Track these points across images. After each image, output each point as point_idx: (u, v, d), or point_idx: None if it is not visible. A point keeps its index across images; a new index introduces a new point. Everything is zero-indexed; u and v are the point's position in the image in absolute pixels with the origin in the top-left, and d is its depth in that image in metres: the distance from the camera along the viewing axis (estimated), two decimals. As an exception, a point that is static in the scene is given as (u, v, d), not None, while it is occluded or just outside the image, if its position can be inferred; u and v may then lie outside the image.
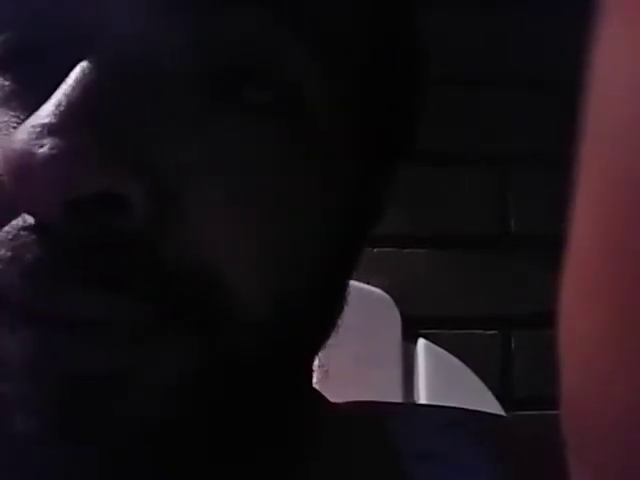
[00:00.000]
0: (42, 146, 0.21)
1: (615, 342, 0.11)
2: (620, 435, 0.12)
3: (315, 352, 0.29)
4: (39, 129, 0.21)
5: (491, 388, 0.93)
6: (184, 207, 0.22)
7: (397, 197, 0.32)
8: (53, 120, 0.21)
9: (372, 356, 0.91)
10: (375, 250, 0.96)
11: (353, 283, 0.30)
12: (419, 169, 0.98)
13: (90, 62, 0.22)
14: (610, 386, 0.12)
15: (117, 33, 0.23)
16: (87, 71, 0.22)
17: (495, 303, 0.99)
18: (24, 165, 0.21)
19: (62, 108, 0.21)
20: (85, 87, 0.22)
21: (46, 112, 0.21)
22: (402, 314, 0.94)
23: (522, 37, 1.02)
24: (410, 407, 0.48)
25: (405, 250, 0.99)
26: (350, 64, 0.27)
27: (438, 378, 0.93)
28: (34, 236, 0.21)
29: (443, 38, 0.99)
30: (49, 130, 0.21)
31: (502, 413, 0.88)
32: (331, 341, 0.29)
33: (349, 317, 0.29)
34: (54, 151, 0.20)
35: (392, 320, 0.93)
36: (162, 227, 0.22)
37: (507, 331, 0.99)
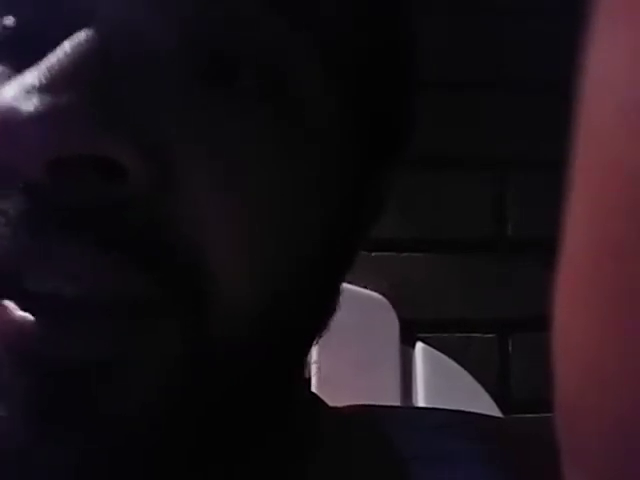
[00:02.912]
0: (29, 103, 0.20)
1: (611, 344, 0.11)
2: (615, 439, 0.12)
3: (305, 349, 0.29)
4: (27, 87, 0.20)
5: (489, 391, 0.93)
6: (179, 181, 0.22)
7: (394, 201, 0.32)
8: (43, 80, 0.20)
9: (370, 359, 0.91)
10: (373, 254, 0.96)
11: (351, 287, 0.30)
12: (416, 173, 0.98)
13: (85, 34, 0.22)
14: (606, 390, 0.12)
15: (111, 17, 0.22)
16: (81, 41, 0.21)
17: (493, 306, 0.99)
18: (8, 121, 0.20)
19: (54, 69, 0.21)
20: (79, 53, 0.21)
21: (37, 72, 0.21)
22: (400, 317, 0.94)
23: (520, 40, 1.03)
24: (407, 410, 0.47)
25: (403, 254, 0.99)
26: (347, 57, 0.26)
27: (436, 381, 0.93)
28: (20, 197, 0.21)
29: (442, 41, 1.00)
30: (38, 88, 0.20)
31: (500, 416, 0.88)
32: (330, 345, 0.29)
33: (347, 321, 0.29)
34: (40, 108, 0.20)
35: (390, 323, 0.93)
36: (157, 197, 0.21)
37: (505, 334, 0.99)
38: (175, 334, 0.22)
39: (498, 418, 0.43)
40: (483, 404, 0.91)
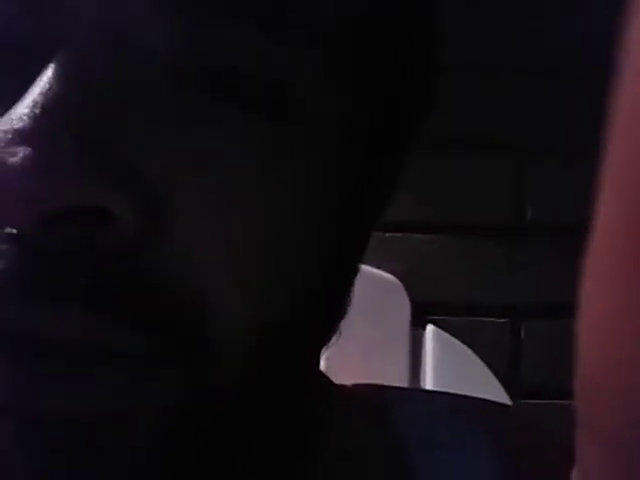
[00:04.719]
0: (14, 154, 0.19)
1: (634, 326, 0.11)
2: (633, 413, 0.12)
3: (315, 359, 0.28)
4: (10, 135, 0.19)
5: (498, 376, 0.93)
6: (171, 221, 0.21)
7: (410, 182, 0.31)
8: (27, 125, 0.19)
9: (380, 341, 0.91)
10: (386, 235, 0.96)
11: (363, 267, 0.29)
12: (433, 154, 0.97)
13: (68, 56, 0.20)
14: (630, 366, 0.12)
15: (97, 29, 0.21)
16: (65, 65, 0.20)
17: (506, 291, 0.98)
18: None
19: (37, 110, 0.19)
20: (64, 84, 0.20)
21: (19, 114, 0.19)
22: (411, 299, 0.94)
23: (542, 24, 1.01)
24: (414, 392, 0.47)
25: (416, 235, 0.99)
26: (352, 49, 0.25)
27: (445, 364, 0.93)
28: (10, 249, 0.20)
29: (462, 24, 0.98)
30: (22, 136, 0.19)
31: (508, 401, 0.88)
32: (340, 325, 0.28)
33: (358, 301, 0.29)
34: (27, 161, 0.19)
35: (401, 305, 0.93)
36: (148, 241, 0.20)
37: (517, 320, 0.99)
38: (175, 383, 0.22)
39: (505, 405, 0.43)
40: (492, 389, 0.91)
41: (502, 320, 0.99)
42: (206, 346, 0.22)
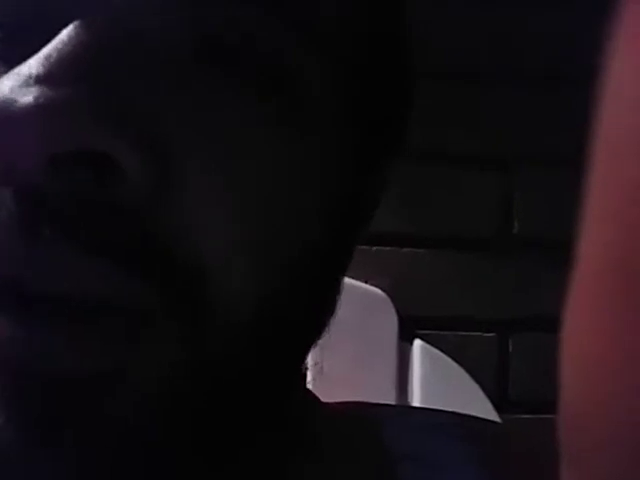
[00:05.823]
0: (27, 94, 0.20)
1: (619, 357, 0.11)
2: (619, 446, 0.11)
3: (305, 349, 0.28)
4: (25, 78, 0.20)
5: (487, 391, 0.93)
6: (177, 176, 0.21)
7: (398, 195, 0.32)
8: (41, 70, 0.20)
9: (367, 355, 0.90)
10: (374, 249, 0.96)
11: (350, 281, 0.29)
12: (421, 167, 0.98)
13: (83, 23, 0.21)
14: (612, 398, 0.11)
15: (106, 5, 0.22)
16: (80, 29, 0.21)
17: (494, 305, 0.98)
18: (6, 113, 0.20)
19: (52, 59, 0.20)
20: (78, 42, 0.21)
21: (34, 62, 0.20)
22: (399, 314, 0.94)
23: (531, 34, 1.02)
24: (400, 409, 0.48)
25: (404, 249, 0.99)
26: (347, 51, 0.26)
27: (433, 380, 0.92)
28: (15, 193, 0.20)
29: (451, 36, 0.99)
30: (36, 79, 0.20)
31: (496, 416, 0.88)
32: (326, 339, 0.28)
33: (345, 316, 0.29)
34: (40, 100, 0.19)
35: (388, 320, 0.93)
36: (153, 197, 0.21)
37: (505, 334, 0.99)
38: (174, 342, 0.22)
39: (493, 422, 0.43)
40: (480, 404, 0.91)
41: (490, 334, 0.99)
42: (206, 305, 0.22)
